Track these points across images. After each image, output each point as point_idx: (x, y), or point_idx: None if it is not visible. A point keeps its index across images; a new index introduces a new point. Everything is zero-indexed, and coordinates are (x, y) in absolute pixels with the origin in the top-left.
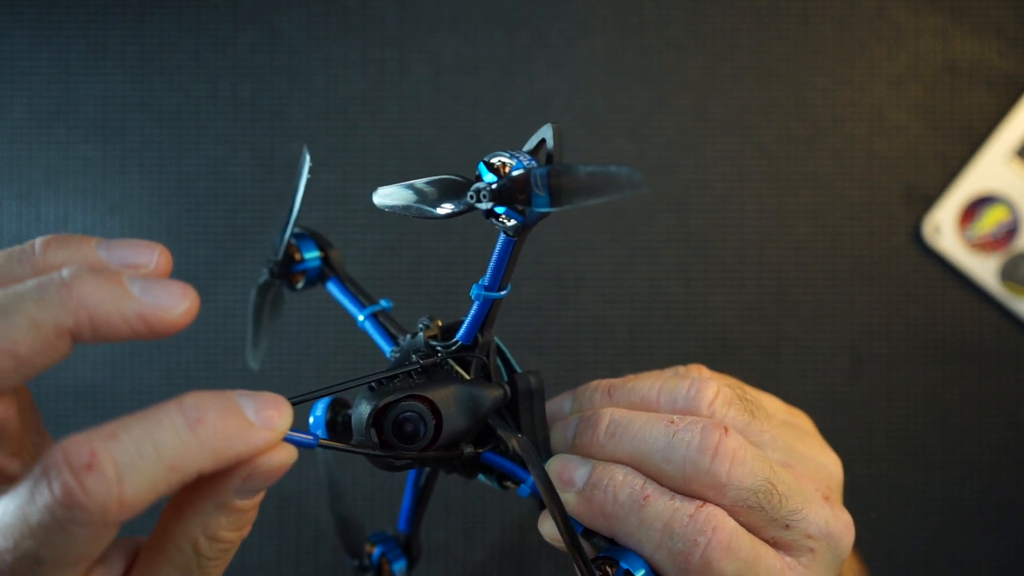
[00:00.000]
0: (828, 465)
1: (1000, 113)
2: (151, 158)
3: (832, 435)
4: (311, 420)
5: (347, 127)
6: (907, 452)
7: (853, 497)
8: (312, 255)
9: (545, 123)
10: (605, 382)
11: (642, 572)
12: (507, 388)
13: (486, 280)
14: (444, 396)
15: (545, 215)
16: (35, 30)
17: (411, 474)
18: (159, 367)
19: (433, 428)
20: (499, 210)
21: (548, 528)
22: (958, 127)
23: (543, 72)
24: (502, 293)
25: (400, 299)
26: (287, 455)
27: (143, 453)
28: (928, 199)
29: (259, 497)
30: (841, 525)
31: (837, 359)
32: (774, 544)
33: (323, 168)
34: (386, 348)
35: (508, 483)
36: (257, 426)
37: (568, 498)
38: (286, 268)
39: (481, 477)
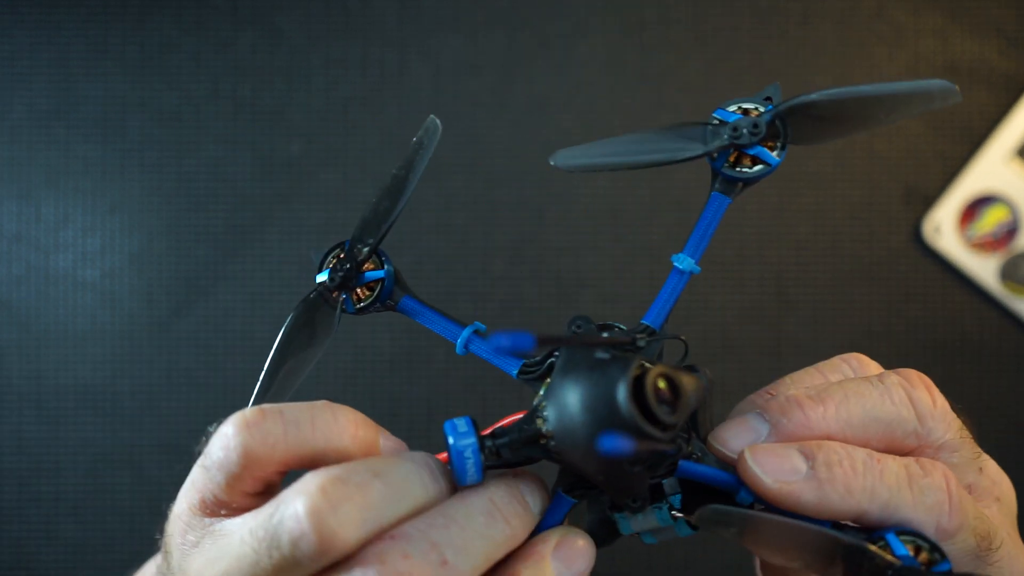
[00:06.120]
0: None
1: (1000, 113)
2: (151, 158)
3: None
4: (455, 442)
5: (347, 127)
6: None
7: None
8: (388, 268)
9: (545, 123)
10: (758, 391)
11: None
12: (709, 377)
13: (689, 249)
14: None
15: (774, 168)
16: (35, 30)
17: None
18: (159, 367)
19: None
20: (752, 151)
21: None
22: (958, 127)
23: (543, 72)
24: (699, 269)
25: None
26: None
27: None
28: (928, 199)
29: None
30: (1007, 478)
31: None
32: (969, 492)
33: (323, 168)
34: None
35: (676, 513)
36: None
37: (794, 487)
38: (356, 277)
39: (622, 525)
